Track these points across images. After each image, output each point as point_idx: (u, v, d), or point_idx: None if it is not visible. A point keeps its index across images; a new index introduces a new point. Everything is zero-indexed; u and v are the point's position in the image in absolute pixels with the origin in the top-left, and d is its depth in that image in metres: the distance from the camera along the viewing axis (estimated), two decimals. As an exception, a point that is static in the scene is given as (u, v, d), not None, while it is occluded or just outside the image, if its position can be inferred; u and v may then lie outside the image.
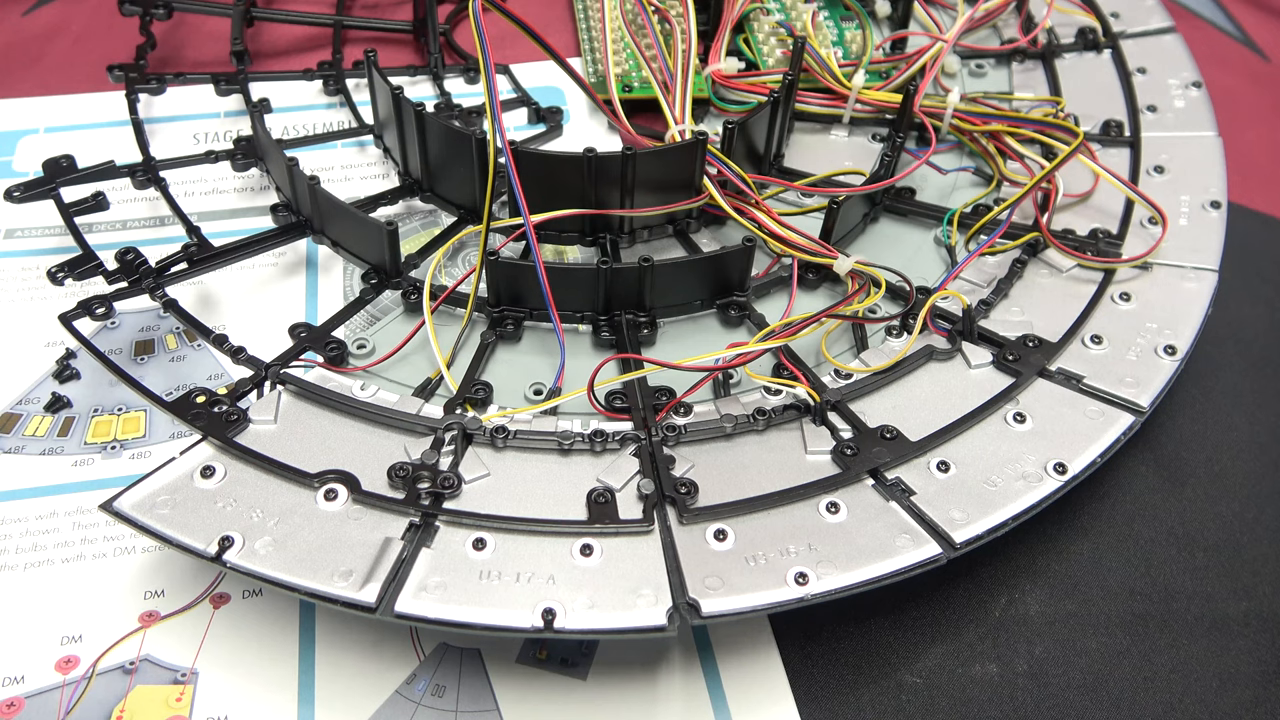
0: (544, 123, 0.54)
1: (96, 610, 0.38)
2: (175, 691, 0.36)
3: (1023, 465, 0.38)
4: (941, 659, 0.39)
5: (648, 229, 0.46)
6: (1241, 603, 0.41)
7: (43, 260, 0.47)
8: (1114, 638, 0.40)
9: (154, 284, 0.42)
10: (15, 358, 0.44)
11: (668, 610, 0.33)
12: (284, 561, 0.34)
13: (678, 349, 0.43)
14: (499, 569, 0.34)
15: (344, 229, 0.45)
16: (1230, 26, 0.66)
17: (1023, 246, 0.46)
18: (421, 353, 0.42)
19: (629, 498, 0.37)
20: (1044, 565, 0.41)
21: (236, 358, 0.40)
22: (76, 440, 0.42)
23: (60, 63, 0.59)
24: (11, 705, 0.35)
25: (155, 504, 0.35)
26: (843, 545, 0.35)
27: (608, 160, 0.42)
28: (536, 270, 0.39)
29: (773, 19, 0.56)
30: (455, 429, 0.38)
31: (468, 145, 0.44)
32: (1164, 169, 0.49)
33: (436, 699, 0.36)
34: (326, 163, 0.52)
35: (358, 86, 0.55)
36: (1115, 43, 0.56)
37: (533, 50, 0.51)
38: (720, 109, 0.52)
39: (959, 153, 0.51)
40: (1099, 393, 0.41)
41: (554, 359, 0.42)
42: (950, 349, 0.42)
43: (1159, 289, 0.44)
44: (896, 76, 0.52)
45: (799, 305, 0.44)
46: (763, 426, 0.39)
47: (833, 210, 0.44)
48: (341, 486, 0.36)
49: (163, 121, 0.54)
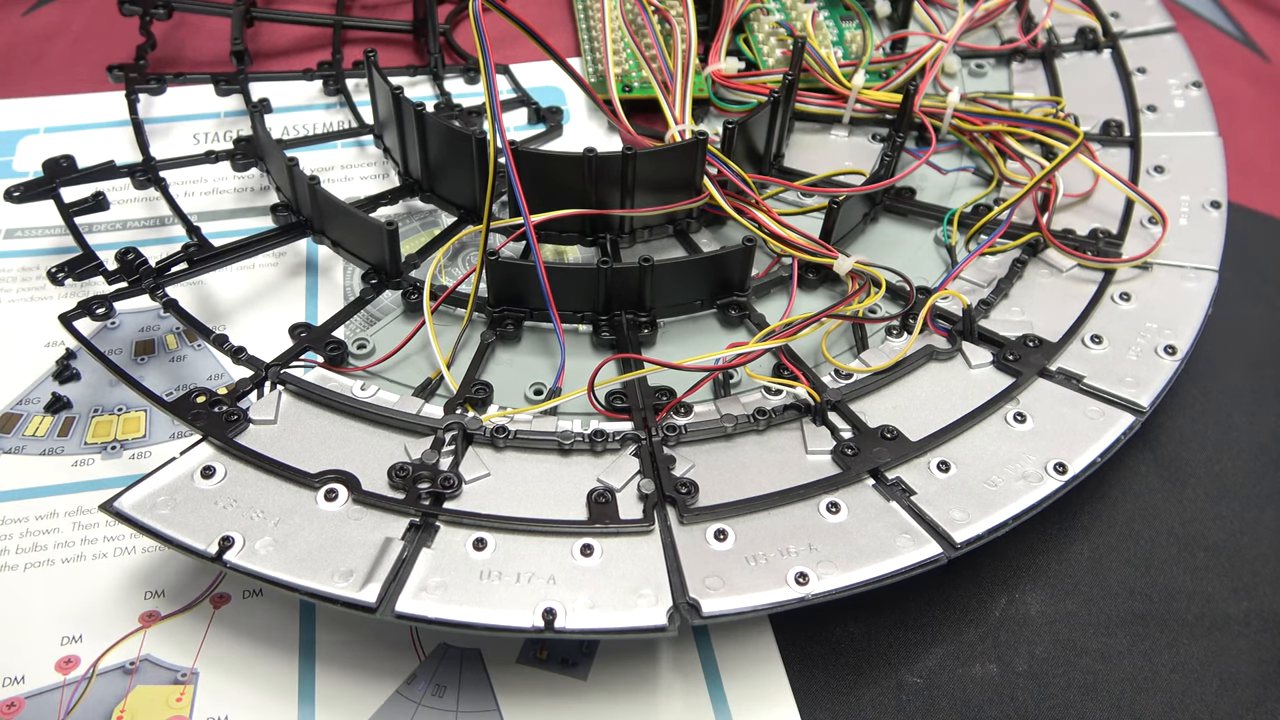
0: (544, 123, 0.54)
1: (96, 610, 0.38)
2: (175, 691, 0.36)
3: (1023, 465, 0.38)
4: (941, 659, 0.39)
5: (648, 229, 0.46)
6: (1241, 603, 0.41)
7: (43, 260, 0.47)
8: (1114, 638, 0.40)
9: (154, 284, 0.42)
10: (15, 358, 0.44)
11: (668, 610, 0.33)
12: (284, 561, 0.34)
13: (678, 349, 0.43)
14: (499, 569, 0.34)
15: (344, 229, 0.45)
16: (1230, 26, 0.66)
17: (1023, 246, 0.46)
18: (421, 353, 0.42)
19: (629, 498, 0.37)
20: (1044, 565, 0.41)
21: (236, 358, 0.40)
22: (76, 440, 0.42)
23: (60, 63, 0.59)
24: (11, 705, 0.35)
25: (155, 504, 0.35)
26: (843, 545, 0.35)
27: (608, 160, 0.42)
28: (536, 270, 0.39)
29: (773, 19, 0.56)
30: (455, 429, 0.38)
31: (468, 145, 0.44)
32: (1164, 169, 0.49)
33: (436, 699, 0.36)
34: (326, 163, 0.52)
35: (358, 86, 0.55)
36: (1115, 43, 0.56)
37: (533, 50, 0.51)
38: (720, 109, 0.52)
39: (959, 153, 0.51)
40: (1099, 393, 0.41)
41: (554, 359, 0.42)
42: (950, 349, 0.42)
43: (1159, 289, 0.44)
44: (896, 76, 0.52)
45: (799, 305, 0.44)
46: (763, 426, 0.39)
47: (833, 210, 0.44)
48: (341, 486, 0.36)
49: (163, 121, 0.54)
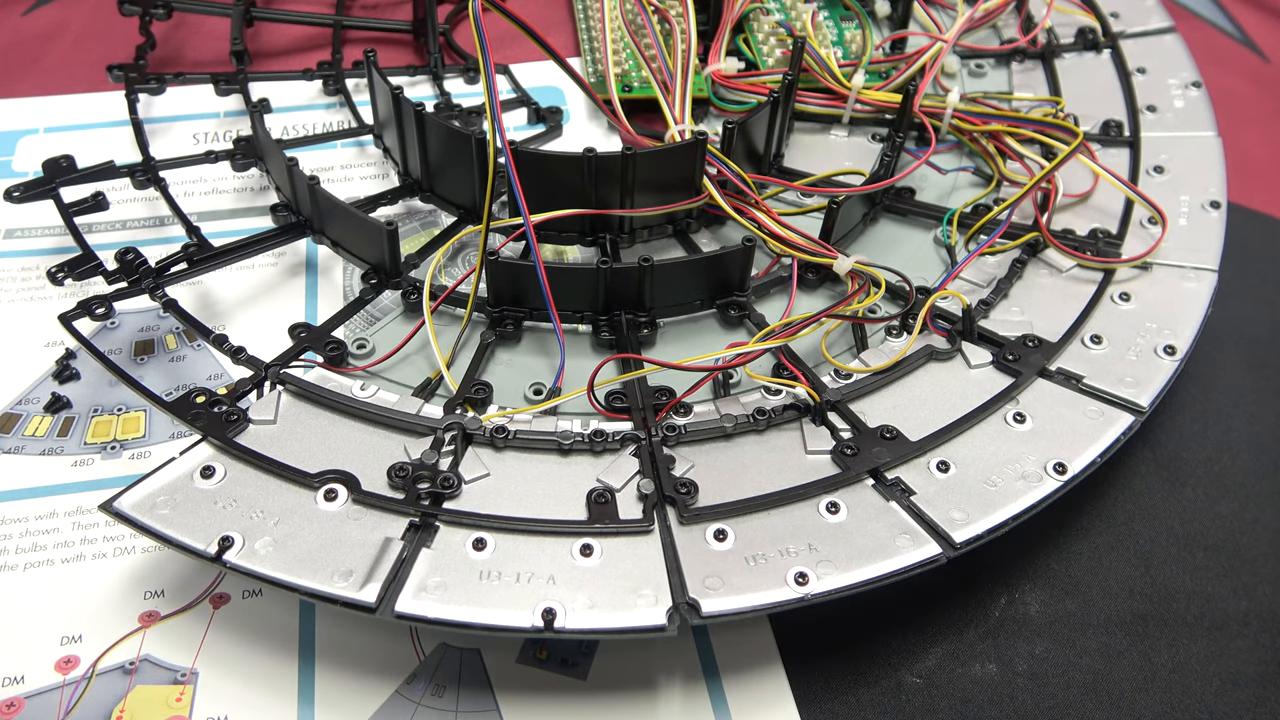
0: (544, 123, 0.54)
1: (96, 610, 0.38)
2: (175, 691, 0.36)
3: (1023, 465, 0.38)
4: (941, 659, 0.39)
5: (647, 229, 0.46)
6: (1241, 603, 0.41)
7: (43, 260, 0.48)
8: (1114, 638, 0.40)
9: (154, 284, 0.42)
10: (15, 358, 0.44)
11: (668, 610, 0.33)
12: (284, 561, 0.34)
13: (678, 349, 0.43)
14: (499, 569, 0.34)
15: (344, 229, 0.45)
16: (1230, 26, 0.66)
17: (1022, 246, 0.45)
18: (421, 353, 0.42)
19: (629, 498, 0.37)
20: (1044, 565, 0.41)
21: (236, 358, 0.40)
22: (76, 440, 0.42)
23: (60, 63, 0.59)
24: (11, 705, 0.35)
25: (155, 504, 0.35)
26: (843, 545, 0.35)
27: (608, 160, 0.42)
28: (536, 270, 0.39)
29: (772, 19, 0.56)
30: (455, 429, 0.38)
31: (467, 145, 0.44)
32: (1164, 169, 0.49)
33: (436, 699, 0.36)
34: (326, 163, 0.52)
35: (357, 86, 0.55)
36: (1115, 43, 0.56)
37: (533, 50, 0.51)
38: (720, 109, 0.52)
39: (959, 153, 0.51)
40: (1099, 393, 0.41)
41: (554, 359, 0.42)
42: (950, 349, 0.42)
43: (1159, 289, 0.44)
44: (896, 76, 0.52)
45: (799, 305, 0.44)
46: (763, 426, 0.39)
47: (832, 210, 0.44)
48: (341, 486, 0.36)
49: (162, 121, 0.54)
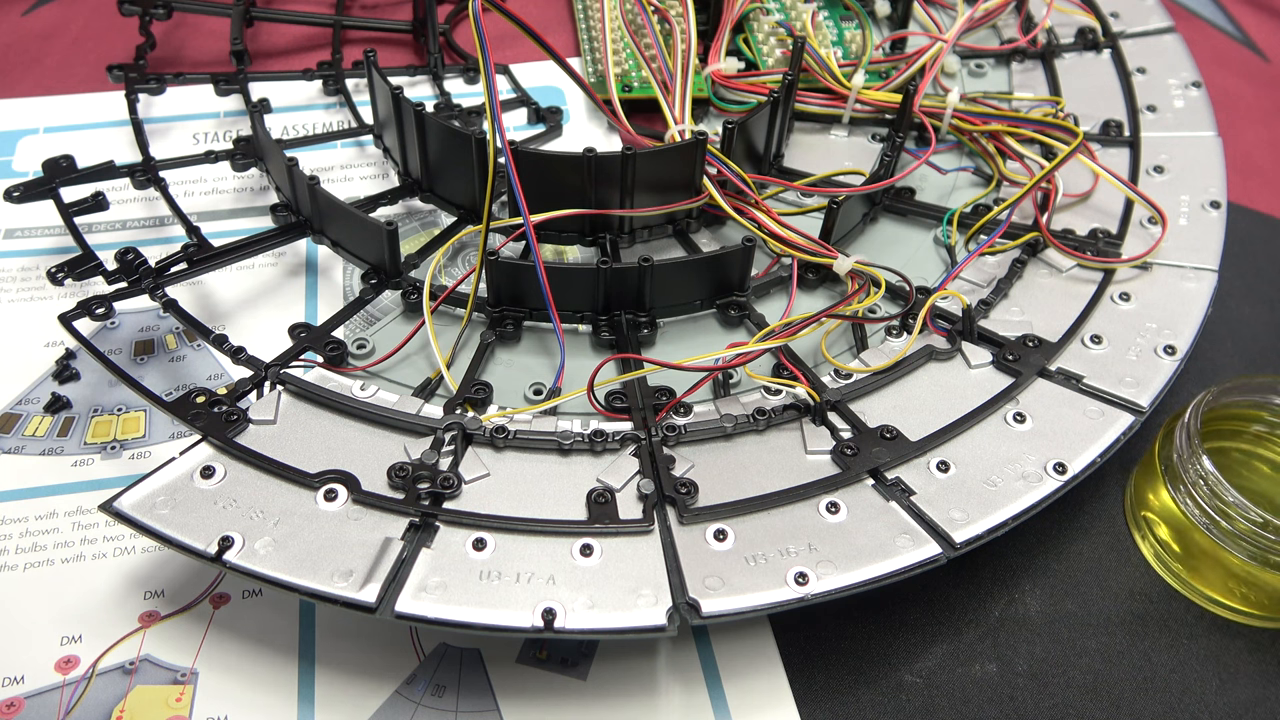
0: (544, 123, 0.54)
1: (96, 610, 0.38)
2: (175, 691, 0.36)
3: (1023, 465, 0.38)
4: (941, 659, 0.39)
5: (647, 229, 0.46)
6: (1241, 603, 0.41)
7: (42, 260, 0.48)
8: (1114, 638, 0.40)
9: (154, 284, 0.42)
10: (15, 358, 0.44)
11: (668, 610, 0.33)
12: (284, 561, 0.34)
13: (678, 349, 0.43)
14: (499, 569, 0.34)
15: (344, 229, 0.45)
16: (1230, 26, 0.66)
17: (1022, 246, 0.45)
18: (421, 353, 0.42)
19: (629, 498, 0.37)
20: (1044, 565, 0.41)
21: (236, 358, 0.40)
22: (76, 440, 0.42)
23: (60, 63, 0.59)
24: (11, 705, 0.35)
25: (155, 504, 0.35)
26: (843, 545, 0.35)
27: (608, 160, 0.42)
28: (536, 270, 0.39)
29: (772, 19, 0.56)
30: (455, 429, 0.38)
31: (467, 145, 0.44)
32: (1164, 169, 0.49)
33: (436, 699, 0.36)
34: (326, 163, 0.52)
35: (357, 86, 0.55)
36: (1115, 43, 0.56)
37: (533, 50, 0.51)
38: (720, 109, 0.52)
39: (959, 153, 0.51)
40: (1099, 393, 0.41)
41: (554, 359, 0.42)
42: (950, 349, 0.42)
43: (1159, 289, 0.44)
44: (896, 76, 0.52)
45: (799, 305, 0.44)
46: (763, 426, 0.39)
47: (832, 210, 0.44)
48: (341, 487, 0.36)
49: (162, 121, 0.54)
